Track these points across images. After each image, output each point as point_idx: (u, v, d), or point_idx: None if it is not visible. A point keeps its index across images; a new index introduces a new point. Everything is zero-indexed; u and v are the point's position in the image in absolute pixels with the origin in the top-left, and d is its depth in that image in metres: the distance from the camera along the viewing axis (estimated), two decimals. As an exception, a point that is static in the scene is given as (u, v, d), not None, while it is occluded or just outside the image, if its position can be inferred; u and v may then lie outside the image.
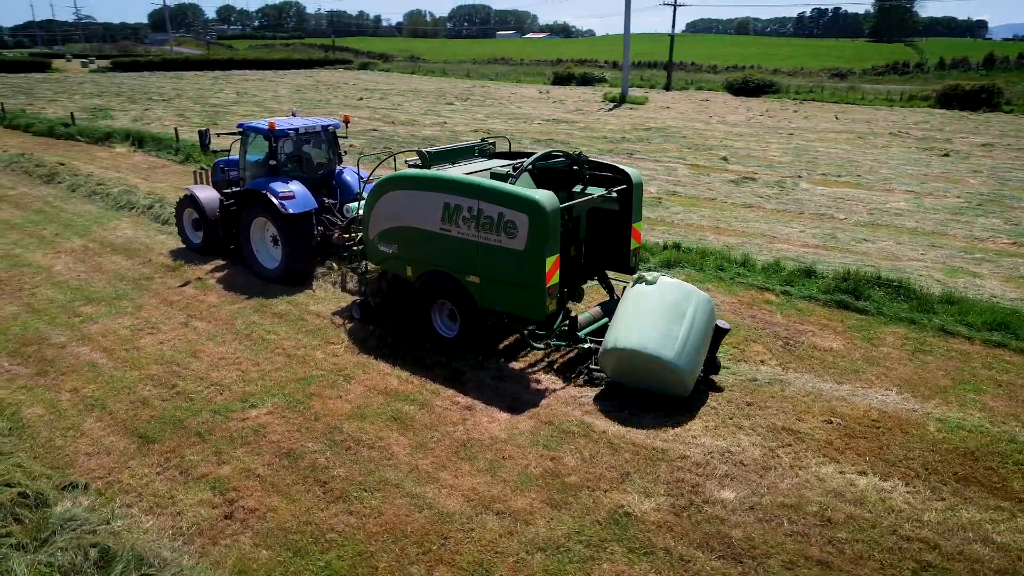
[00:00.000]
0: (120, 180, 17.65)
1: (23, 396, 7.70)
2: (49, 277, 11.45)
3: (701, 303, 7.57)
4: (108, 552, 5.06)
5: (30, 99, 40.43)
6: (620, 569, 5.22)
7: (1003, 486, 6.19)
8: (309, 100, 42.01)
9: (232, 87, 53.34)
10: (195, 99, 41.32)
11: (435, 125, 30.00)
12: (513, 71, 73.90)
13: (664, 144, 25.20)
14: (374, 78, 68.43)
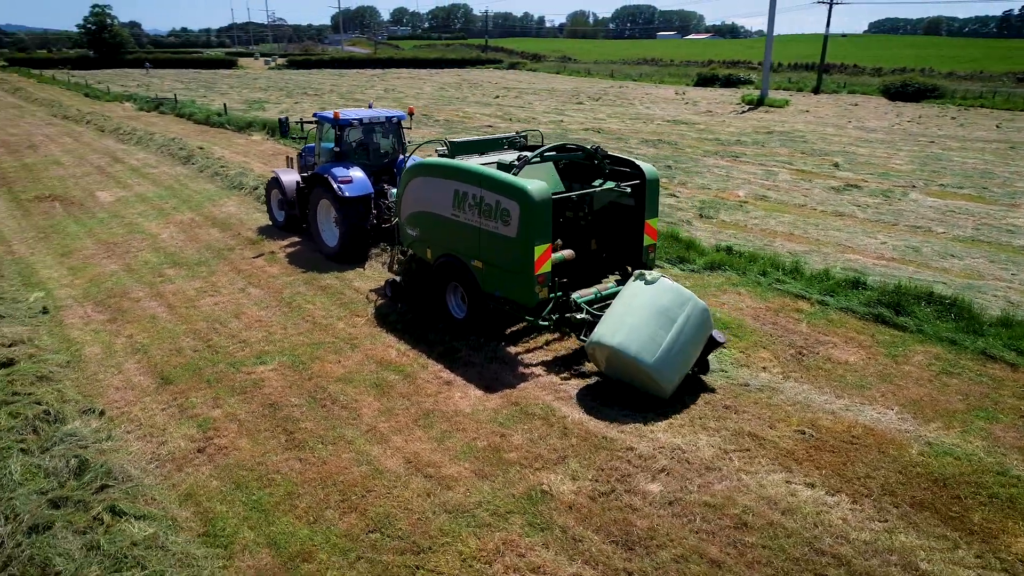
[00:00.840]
0: (241, 164, 19.69)
1: (89, 337, 9.08)
2: (153, 243, 13.16)
3: (695, 311, 7.43)
4: (86, 464, 6.02)
5: (208, 92, 45.45)
6: (511, 539, 5.46)
7: (961, 517, 5.72)
8: (447, 96, 43.96)
9: (383, 84, 56.79)
10: (344, 94, 44.51)
11: (551, 123, 30.47)
12: (658, 72, 72.75)
13: (778, 148, 24.09)
14: (519, 77, 70.07)
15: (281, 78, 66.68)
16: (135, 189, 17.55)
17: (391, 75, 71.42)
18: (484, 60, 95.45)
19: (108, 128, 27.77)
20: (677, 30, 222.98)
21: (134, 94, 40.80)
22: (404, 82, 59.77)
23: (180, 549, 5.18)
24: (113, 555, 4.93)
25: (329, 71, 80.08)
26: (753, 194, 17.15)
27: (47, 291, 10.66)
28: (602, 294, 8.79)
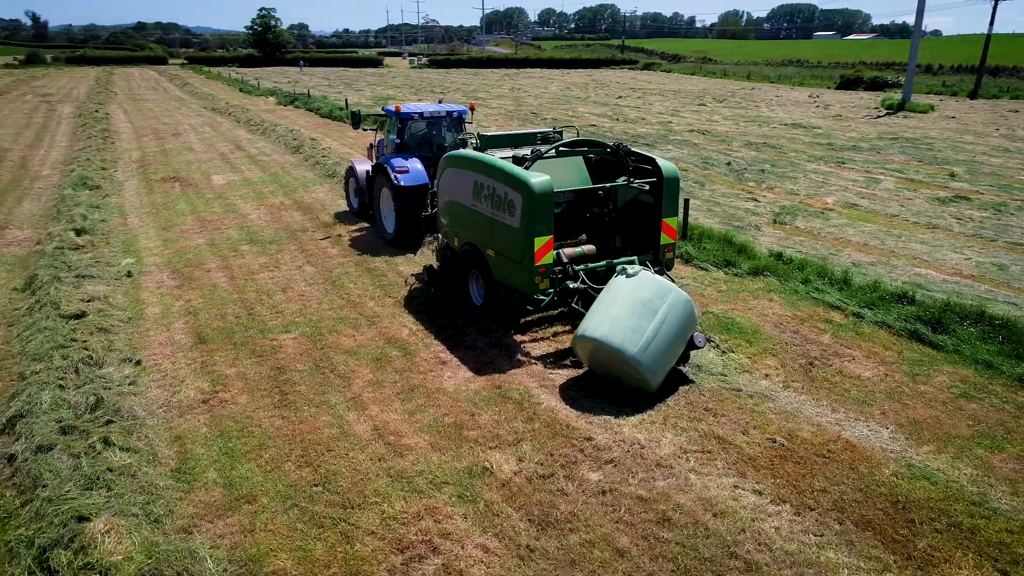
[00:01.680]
0: (343, 155, 21.07)
1: (155, 299, 10.29)
2: (242, 222, 14.52)
3: (677, 303, 7.41)
4: (101, 401, 6.96)
5: (346, 89, 48.50)
6: (435, 506, 5.77)
7: (905, 542, 5.39)
8: (568, 96, 44.29)
9: (511, 83, 57.99)
10: (467, 92, 45.99)
11: (659, 124, 30.03)
12: (799, 73, 69.13)
13: (895, 155, 22.43)
14: (650, 78, 69.09)
15: (419, 77, 69.73)
16: (245, 174, 19.31)
17: (523, 75, 72.67)
18: (619, 61, 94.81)
19: (243, 120, 30.50)
20: (838, 30, 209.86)
21: (277, 90, 44.36)
22: (532, 82, 60.69)
23: (147, 479, 5.92)
24: (88, 476, 5.74)
25: (466, 70, 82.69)
26: (843, 202, 16.21)
27: (138, 258, 12.12)
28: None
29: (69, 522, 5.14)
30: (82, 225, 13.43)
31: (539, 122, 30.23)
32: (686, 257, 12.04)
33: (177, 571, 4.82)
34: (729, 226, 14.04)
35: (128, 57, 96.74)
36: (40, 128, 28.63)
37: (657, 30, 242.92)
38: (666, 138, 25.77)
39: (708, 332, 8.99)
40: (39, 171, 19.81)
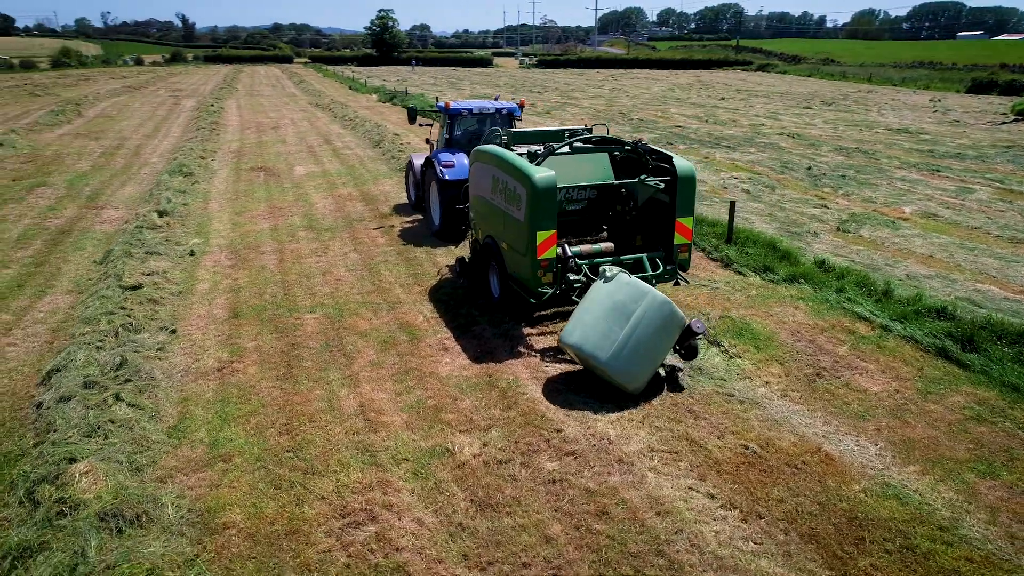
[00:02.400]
0: (417, 150, 21.80)
1: (208, 276, 11.17)
2: (307, 211, 15.41)
3: (652, 306, 7.28)
4: (126, 362, 7.72)
5: (449, 88, 49.82)
6: (388, 480, 6.06)
7: (847, 559, 5.17)
8: (668, 97, 43.57)
9: (612, 83, 57.62)
10: (564, 91, 46.14)
11: (750, 126, 29.06)
12: (927, 76, 64.48)
13: (1002, 164, 20.69)
14: (761, 80, 66.61)
15: (523, 76, 70.52)
16: (325, 166, 20.39)
17: (629, 75, 71.95)
18: (732, 62, 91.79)
19: (339, 115, 32.07)
20: (987, 30, 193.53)
21: (382, 88, 46.21)
22: (635, 82, 60.01)
23: (143, 433, 6.55)
24: (91, 425, 6.43)
25: (573, 71, 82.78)
26: (922, 211, 15.21)
27: (205, 239, 13.16)
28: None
29: (61, 462, 5.80)
30: (165, 207, 14.70)
31: (625, 122, 29.98)
32: (726, 261, 11.76)
33: (137, 513, 5.35)
34: (785, 232, 13.55)
35: (258, 56, 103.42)
36: (161, 120, 31.30)
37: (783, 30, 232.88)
38: (751, 140, 24.94)
39: (720, 336, 8.81)
40: (148, 158, 21.73)
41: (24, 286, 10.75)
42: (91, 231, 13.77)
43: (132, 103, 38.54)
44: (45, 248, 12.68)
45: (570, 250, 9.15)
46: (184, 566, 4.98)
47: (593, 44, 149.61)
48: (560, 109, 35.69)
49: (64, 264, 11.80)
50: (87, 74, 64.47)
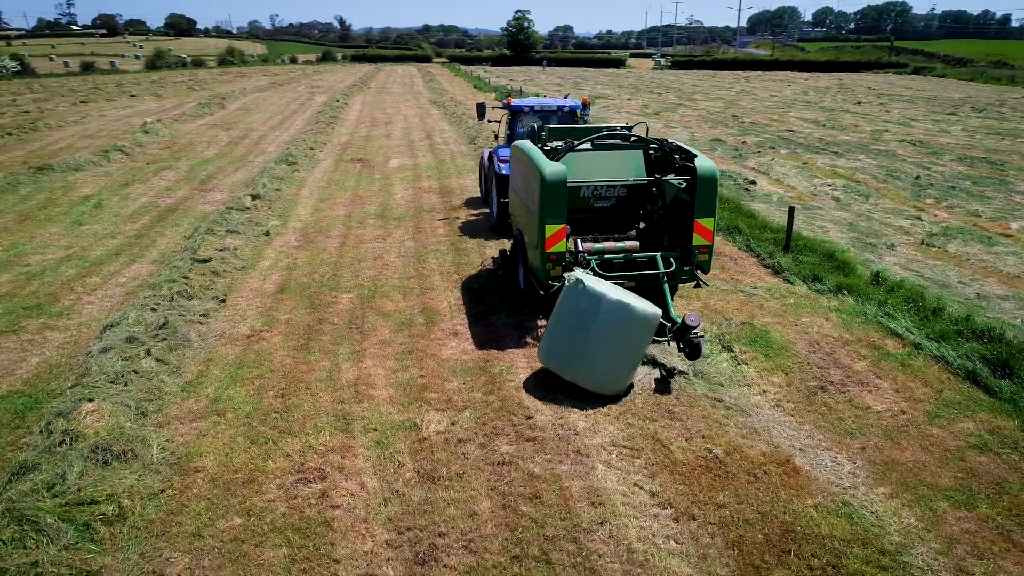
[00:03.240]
0: (510, 146, 22.29)
1: (272, 254, 12.17)
2: (385, 200, 16.27)
3: (610, 311, 7.14)
4: (167, 323, 8.68)
5: (572, 88, 50.12)
6: (349, 445, 6.49)
7: (762, 570, 5.02)
8: (798, 100, 41.56)
9: (744, 85, 55.64)
10: (684, 94, 45.10)
11: (871, 133, 27.22)
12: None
13: None
14: (910, 83, 61.78)
15: (652, 77, 69.54)
16: (418, 160, 21.33)
17: (765, 77, 69.08)
18: (885, 64, 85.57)
19: (451, 112, 33.19)
20: None
21: (502, 86, 47.21)
22: (768, 85, 57.54)
23: (158, 385, 7.39)
24: (116, 373, 7.34)
25: (707, 72, 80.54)
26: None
27: (284, 221, 14.28)
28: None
29: (79, 401, 6.70)
30: (259, 192, 16.05)
31: (733, 125, 29.00)
32: (776, 268, 11.31)
33: (124, 449, 6.10)
34: (859, 243, 12.79)
35: (400, 55, 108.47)
36: (289, 114, 33.82)
37: (958, 31, 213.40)
38: (864, 147, 23.40)
39: (734, 342, 8.57)
40: (266, 148, 23.65)
41: (120, 255, 12.20)
42: (193, 210, 15.30)
43: (271, 98, 41.84)
44: (150, 223, 14.26)
45: (593, 246, 9.22)
46: (146, 498, 5.66)
47: (740, 45, 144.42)
48: (671, 111, 35.02)
49: (160, 238, 13.25)
50: (245, 72, 70.50)
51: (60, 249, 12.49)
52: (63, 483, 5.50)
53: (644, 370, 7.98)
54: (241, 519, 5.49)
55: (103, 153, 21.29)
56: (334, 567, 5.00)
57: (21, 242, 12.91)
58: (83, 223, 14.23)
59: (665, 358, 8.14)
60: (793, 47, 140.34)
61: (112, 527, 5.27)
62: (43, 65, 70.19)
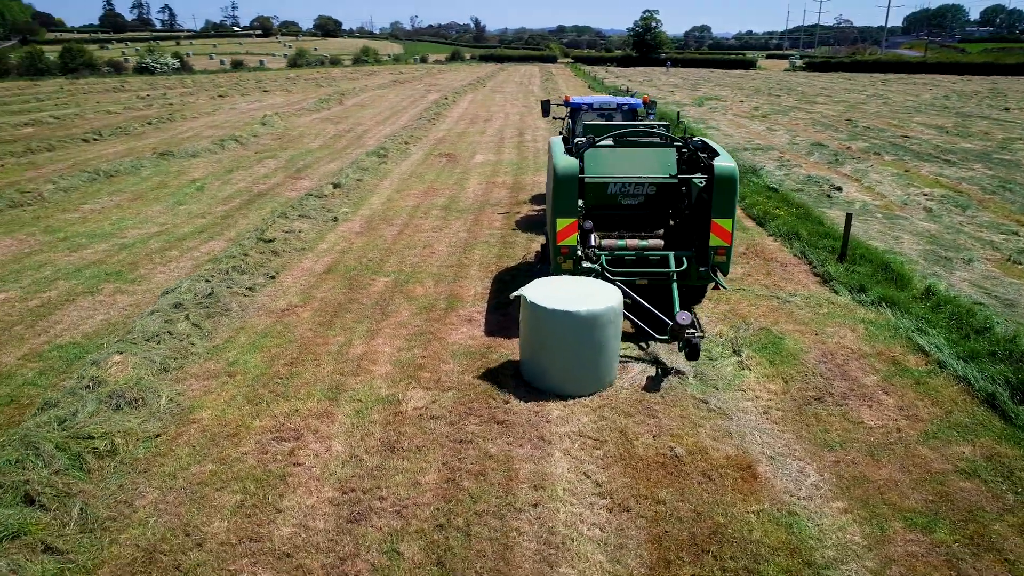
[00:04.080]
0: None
1: (334, 238, 12.99)
2: (456, 193, 16.84)
3: (555, 321, 7.13)
4: (212, 295, 9.58)
5: (689, 89, 49.14)
6: (329, 411, 6.96)
7: (674, 566, 5.00)
8: (934, 105, 38.60)
9: (879, 88, 52.27)
10: (804, 96, 42.91)
11: (1003, 142, 24.91)
12: None
13: None
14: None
15: (780, 79, 66.66)
16: (502, 156, 21.81)
17: (905, 80, 64.46)
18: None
19: (552, 111, 33.43)
20: None
21: (616, 86, 46.95)
22: (906, 87, 53.67)
23: (187, 346, 8.21)
24: (153, 333, 8.23)
25: (843, 75, 76.27)
26: None
27: (355, 209, 15.16)
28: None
29: (111, 354, 7.61)
30: (341, 181, 17.09)
31: (845, 129, 27.42)
32: (825, 277, 10.81)
33: (136, 397, 6.90)
34: (932, 255, 11.96)
35: (526, 56, 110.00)
36: (399, 110, 35.37)
37: None
38: (986, 156, 21.51)
39: (748, 347, 8.36)
40: (366, 142, 24.97)
41: (203, 232, 13.46)
42: (280, 196, 16.53)
43: (388, 95, 43.86)
44: (239, 206, 15.57)
45: (615, 243, 9.28)
46: (140, 440, 6.38)
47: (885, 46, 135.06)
48: (782, 114, 33.56)
49: (242, 219, 14.46)
50: (374, 70, 74.15)
51: (156, 225, 13.94)
52: (73, 420, 6.32)
53: (640, 367, 7.98)
54: (213, 466, 6.08)
55: (220, 142, 23.31)
56: (274, 515, 5.47)
57: (127, 217, 14.51)
58: (183, 203, 15.75)
59: (668, 357, 8.09)
60: (951, 48, 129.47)
61: (102, 460, 6.01)
62: (200, 63, 77.10)
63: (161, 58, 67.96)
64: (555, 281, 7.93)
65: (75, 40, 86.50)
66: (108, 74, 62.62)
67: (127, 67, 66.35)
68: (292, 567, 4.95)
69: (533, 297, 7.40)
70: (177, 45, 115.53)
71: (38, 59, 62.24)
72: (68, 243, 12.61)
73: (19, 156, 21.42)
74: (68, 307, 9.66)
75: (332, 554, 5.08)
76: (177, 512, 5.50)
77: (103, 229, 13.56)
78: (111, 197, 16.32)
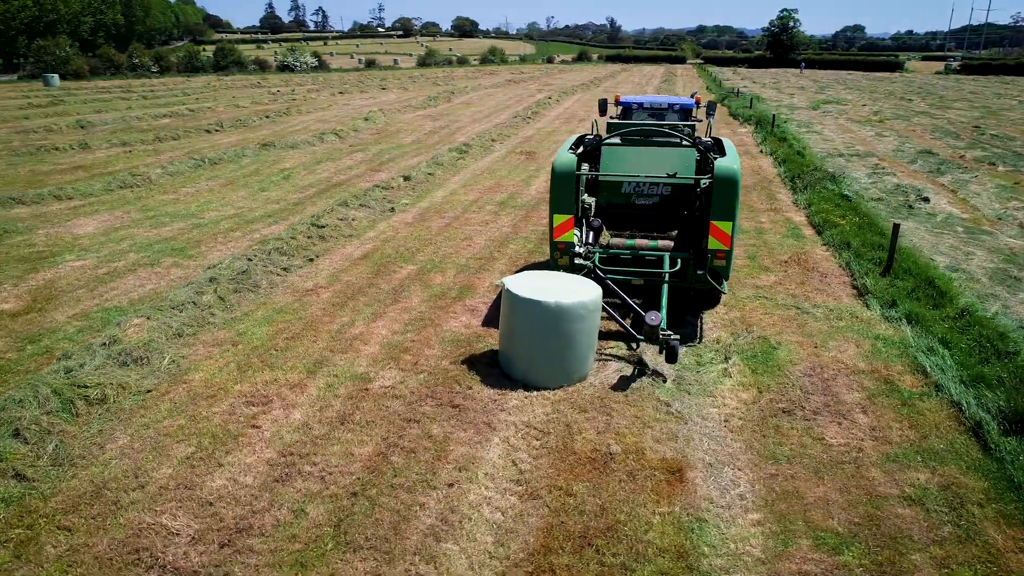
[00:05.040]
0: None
1: (383, 227, 13.64)
2: (518, 190, 17.11)
3: (525, 308, 7.22)
4: (248, 271, 10.41)
5: (811, 92, 46.69)
6: (305, 384, 7.47)
7: (550, 555, 5.06)
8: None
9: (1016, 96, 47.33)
10: (942, 101, 39.61)
11: None
12: None
13: None
14: None
15: (923, 83, 61.84)
16: (580, 155, 21.80)
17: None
18: None
19: (652, 112, 32.91)
20: None
21: (732, 88, 45.35)
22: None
23: (206, 315, 9.03)
24: (180, 303, 9.11)
25: (998, 78, 69.40)
26: None
27: (415, 201, 15.80)
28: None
29: (134, 318, 8.53)
30: (410, 174, 17.84)
31: (967, 138, 25.16)
32: (861, 290, 10.19)
33: (142, 356, 7.72)
34: (1000, 273, 10.97)
35: (654, 56, 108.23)
36: (501, 109, 36.02)
37: None
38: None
39: (738, 355, 8.12)
40: (457, 139, 25.74)
41: (271, 217, 14.54)
42: (353, 186, 17.49)
43: (496, 94, 44.75)
44: (313, 194, 16.65)
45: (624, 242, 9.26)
46: (130, 394, 7.16)
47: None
48: (904, 119, 31.22)
49: (310, 207, 15.46)
50: (495, 70, 75.69)
51: (233, 208, 15.21)
52: (79, 370, 7.20)
53: (618, 366, 7.96)
54: (183, 421, 6.74)
55: (320, 136, 24.86)
56: (213, 469, 6.02)
57: (212, 200, 15.91)
58: (266, 190, 17.04)
59: (653, 359, 8.01)
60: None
61: (91, 407, 6.82)
62: (339, 62, 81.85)
63: (301, 57, 72.81)
64: (542, 274, 8.05)
65: (236, 40, 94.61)
66: (253, 72, 67.89)
67: (271, 66, 71.61)
68: (208, 514, 5.46)
69: (510, 284, 7.57)
70: (324, 45, 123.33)
71: (195, 57, 68.56)
72: (152, 221, 14.04)
73: (148, 144, 23.87)
74: (128, 276, 10.82)
75: (247, 507, 5.54)
76: (136, 457, 6.17)
77: (187, 210, 14.97)
78: (207, 182, 17.91)
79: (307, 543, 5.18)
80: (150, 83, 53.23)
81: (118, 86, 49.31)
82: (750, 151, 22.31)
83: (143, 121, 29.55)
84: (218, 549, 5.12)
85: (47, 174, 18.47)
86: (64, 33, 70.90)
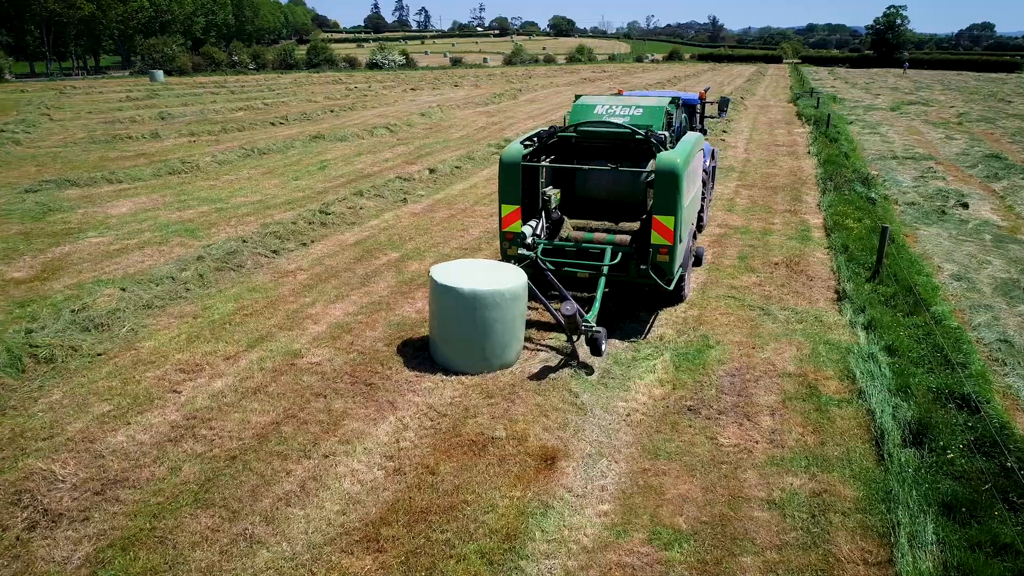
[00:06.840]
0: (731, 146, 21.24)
1: (387, 217, 14.05)
2: (540, 184, 17.15)
3: (443, 294, 7.35)
4: (236, 251, 11.02)
5: (904, 90, 44.17)
6: (243, 354, 7.87)
7: (381, 526, 5.21)
8: None
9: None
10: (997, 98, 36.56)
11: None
12: None
13: None
14: None
15: (1017, 86, 57.13)
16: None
17: None
18: None
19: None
20: None
21: (813, 88, 43.46)
22: None
23: (183, 290, 9.64)
24: (160, 276, 9.78)
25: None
26: None
27: (430, 193, 16.14)
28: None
29: (108, 287, 9.22)
30: (436, 167, 18.20)
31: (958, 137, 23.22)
32: (841, 294, 9.73)
33: (103, 322, 8.35)
34: (1008, 284, 10.21)
35: (748, 56, 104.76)
36: (558, 107, 35.88)
37: None
38: None
39: (672, 353, 7.98)
40: (504, 134, 25.95)
41: (288, 204, 15.21)
42: (381, 177, 18.01)
43: (563, 92, 44.64)
44: (339, 185, 17.27)
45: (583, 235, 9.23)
46: (80, 356, 7.78)
47: None
48: (987, 122, 29.04)
49: (331, 196, 16.06)
50: (576, 68, 75.41)
51: (260, 195, 16.01)
52: (40, 332, 7.89)
53: (546, 356, 7.98)
54: (116, 383, 7.28)
55: (371, 129, 25.67)
56: (120, 427, 6.49)
57: (245, 187, 16.79)
58: (299, 179, 17.82)
59: (584, 351, 7.98)
60: None
61: (39, 365, 7.47)
62: (428, 60, 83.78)
63: (389, 55, 74.98)
64: (476, 263, 8.16)
65: (339, 40, 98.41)
66: (342, 69, 70.52)
67: (360, 63, 74.15)
68: (96, 465, 5.90)
69: (435, 271, 7.73)
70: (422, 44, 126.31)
71: (289, 55, 71.90)
72: (181, 204, 15.00)
73: (214, 134, 25.35)
74: (134, 253, 11.65)
75: (132, 462, 5.96)
76: (60, 412, 6.73)
77: (218, 195, 15.88)
78: (250, 171, 18.90)
79: (169, 497, 5.53)
80: (244, 79, 56.28)
81: (214, 82, 52.43)
82: (796, 152, 21.42)
83: (219, 114, 31.32)
84: (91, 496, 5.54)
85: (112, 160, 19.97)
86: (178, 32, 76.04)
